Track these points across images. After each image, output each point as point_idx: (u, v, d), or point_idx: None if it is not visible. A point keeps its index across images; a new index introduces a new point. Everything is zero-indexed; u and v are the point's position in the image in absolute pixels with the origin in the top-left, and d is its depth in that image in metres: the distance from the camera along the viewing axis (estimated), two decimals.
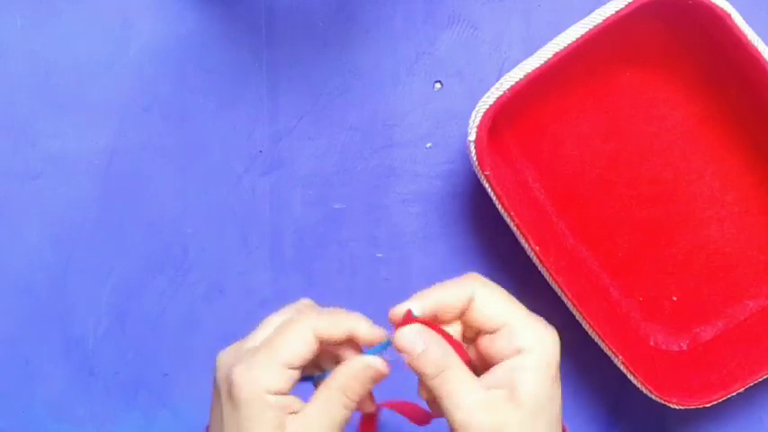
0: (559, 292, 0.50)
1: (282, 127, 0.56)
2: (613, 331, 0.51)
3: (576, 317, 0.50)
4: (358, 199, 0.56)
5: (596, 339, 0.50)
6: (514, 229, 0.49)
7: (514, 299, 0.41)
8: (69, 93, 0.56)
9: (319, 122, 0.56)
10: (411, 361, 0.39)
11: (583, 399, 0.56)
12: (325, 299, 0.56)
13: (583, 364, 0.56)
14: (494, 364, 0.39)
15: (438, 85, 0.55)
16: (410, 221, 0.56)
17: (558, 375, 0.39)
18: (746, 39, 0.47)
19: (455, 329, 0.41)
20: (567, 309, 0.50)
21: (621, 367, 0.50)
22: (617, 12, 0.47)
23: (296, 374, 0.39)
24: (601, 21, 0.47)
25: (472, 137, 0.49)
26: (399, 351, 0.39)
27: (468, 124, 0.49)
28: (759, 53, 0.48)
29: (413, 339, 0.39)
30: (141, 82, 0.56)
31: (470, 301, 0.39)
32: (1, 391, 0.57)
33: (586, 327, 0.50)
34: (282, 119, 0.56)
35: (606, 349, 0.50)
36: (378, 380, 0.40)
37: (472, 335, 0.41)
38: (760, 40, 0.48)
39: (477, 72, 0.55)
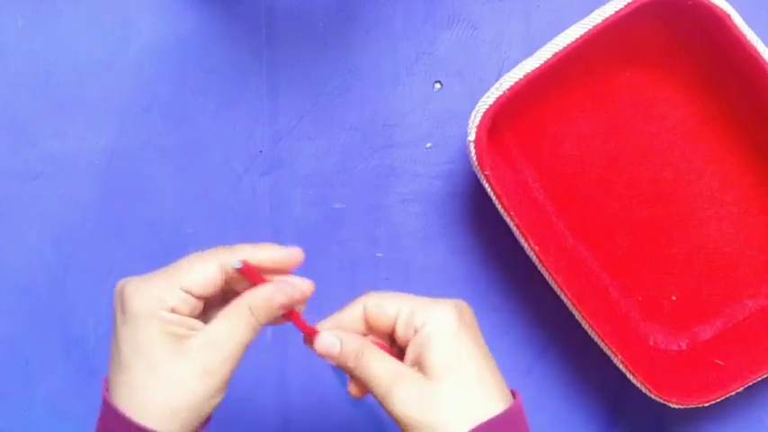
0: (559, 292, 0.50)
1: (282, 127, 0.56)
2: (613, 331, 0.51)
3: (576, 317, 0.50)
4: (358, 199, 0.56)
5: (596, 339, 0.50)
6: (514, 229, 0.49)
7: (406, 294, 0.42)
8: (69, 93, 0.56)
9: (319, 122, 0.56)
10: (335, 361, 0.40)
11: (583, 398, 0.56)
12: (325, 299, 0.56)
13: (583, 364, 0.56)
14: None
15: (438, 85, 0.55)
16: (410, 221, 0.56)
17: (467, 338, 0.39)
18: (746, 39, 0.48)
19: None
20: (567, 309, 0.50)
21: (621, 367, 0.50)
22: (617, 12, 0.47)
23: (196, 303, 0.39)
24: (600, 21, 0.48)
25: (472, 137, 0.49)
26: (323, 357, 0.41)
27: (468, 124, 0.49)
28: (759, 53, 0.48)
29: (330, 342, 0.40)
30: (141, 82, 0.56)
31: (366, 311, 0.41)
32: (1, 391, 0.57)
33: (586, 326, 0.50)
34: (282, 119, 0.56)
35: (606, 349, 0.50)
36: (286, 305, 0.40)
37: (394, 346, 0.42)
38: (759, 40, 0.48)
39: (477, 72, 0.55)
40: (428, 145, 0.56)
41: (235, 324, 0.39)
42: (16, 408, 0.57)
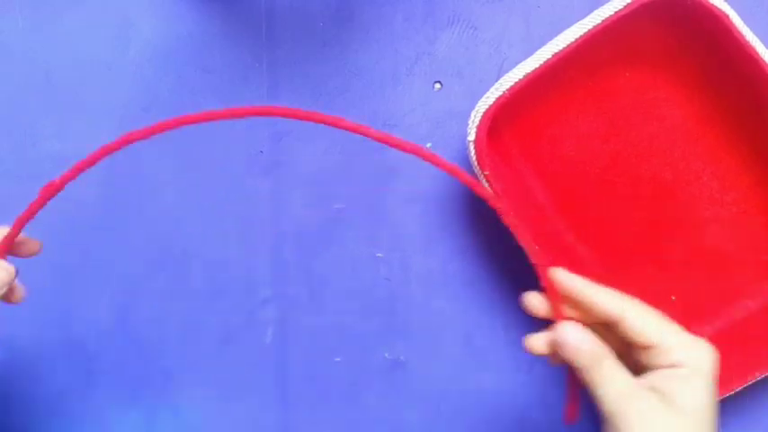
0: None
1: (282, 127, 0.56)
2: None
3: None
4: (358, 199, 0.56)
5: None
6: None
7: (666, 318, 0.42)
8: (69, 93, 0.56)
9: None
10: (569, 354, 0.41)
11: (583, 399, 0.56)
12: (325, 299, 0.56)
13: None
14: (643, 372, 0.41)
15: (438, 85, 0.55)
16: (410, 221, 0.56)
17: (713, 387, 0.41)
18: (745, 39, 0.48)
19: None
20: None
21: None
22: (616, 12, 0.47)
23: None
24: (600, 21, 0.48)
25: (472, 137, 0.49)
26: (562, 345, 0.42)
27: (467, 124, 0.49)
28: (758, 53, 0.48)
29: (578, 337, 0.41)
30: (141, 82, 0.56)
31: (620, 319, 0.41)
32: (1, 391, 0.57)
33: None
34: (282, 119, 0.56)
35: None
36: None
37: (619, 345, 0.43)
38: (758, 40, 0.48)
39: (477, 72, 0.55)
40: (428, 145, 0.56)
41: None
42: (16, 408, 0.57)
